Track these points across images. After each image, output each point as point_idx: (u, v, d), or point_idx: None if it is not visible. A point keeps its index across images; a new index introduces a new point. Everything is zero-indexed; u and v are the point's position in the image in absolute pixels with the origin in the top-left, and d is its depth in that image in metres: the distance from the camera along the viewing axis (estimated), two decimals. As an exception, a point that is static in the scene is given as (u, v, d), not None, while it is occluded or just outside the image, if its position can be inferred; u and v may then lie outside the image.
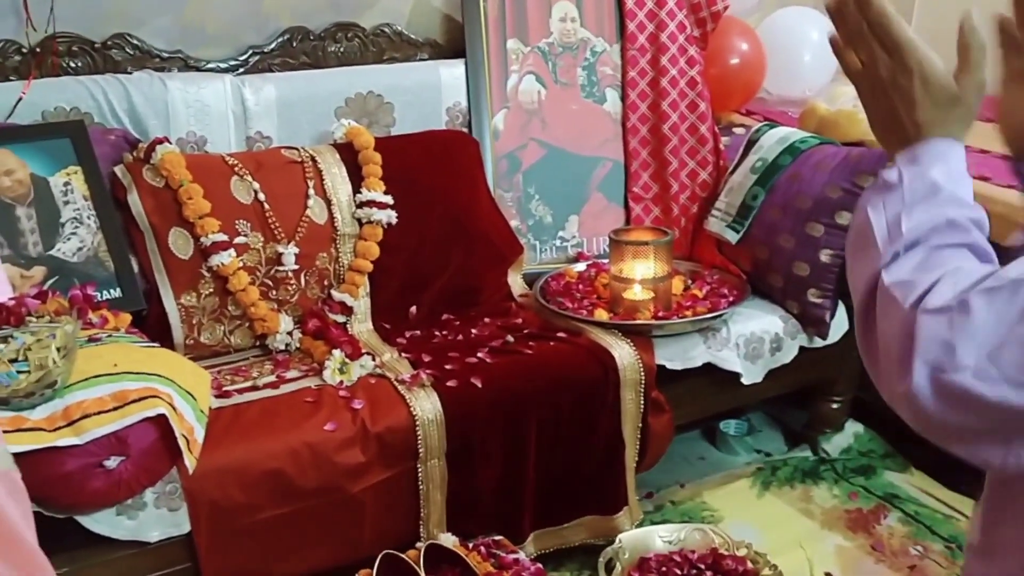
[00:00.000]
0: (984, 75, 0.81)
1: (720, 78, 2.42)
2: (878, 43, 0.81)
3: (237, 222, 1.83)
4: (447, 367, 1.74)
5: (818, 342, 2.07)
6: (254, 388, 1.68)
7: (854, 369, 2.17)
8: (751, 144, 2.19)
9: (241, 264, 1.82)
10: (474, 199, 2.12)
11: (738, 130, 2.42)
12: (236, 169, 1.87)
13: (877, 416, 2.27)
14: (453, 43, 2.29)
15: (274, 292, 1.87)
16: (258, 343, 1.87)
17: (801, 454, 2.30)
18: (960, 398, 0.69)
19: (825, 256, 1.97)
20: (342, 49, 2.21)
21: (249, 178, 1.87)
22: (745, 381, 1.99)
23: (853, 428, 2.32)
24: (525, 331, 1.91)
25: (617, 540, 1.82)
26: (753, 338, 1.99)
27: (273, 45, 2.15)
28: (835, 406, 2.30)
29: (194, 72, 2.05)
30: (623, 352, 1.84)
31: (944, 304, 0.70)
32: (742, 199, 2.13)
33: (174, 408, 1.39)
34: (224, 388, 1.66)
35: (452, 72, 2.23)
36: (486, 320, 1.98)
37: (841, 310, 2.05)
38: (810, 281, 1.99)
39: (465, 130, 2.23)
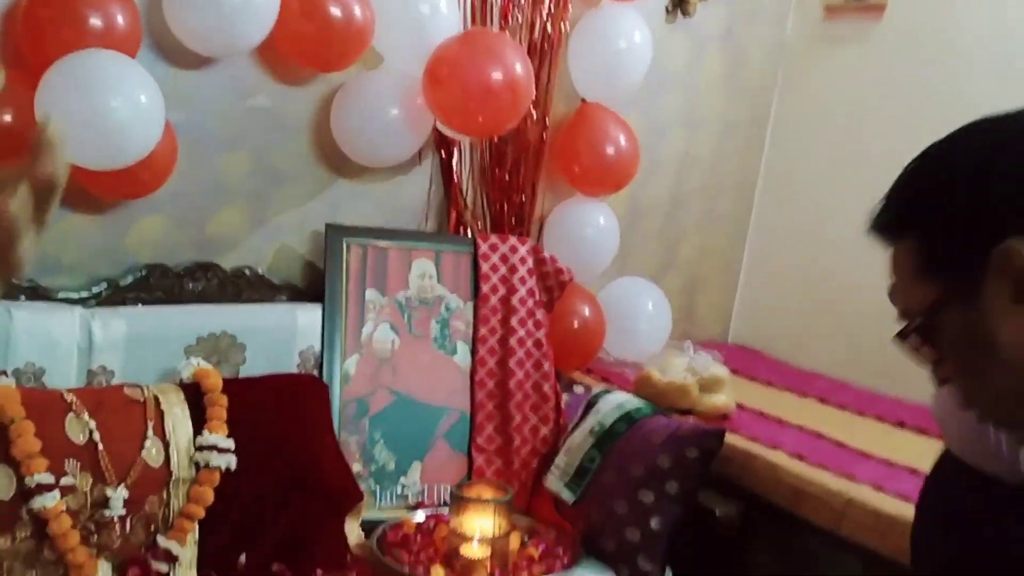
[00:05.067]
0: None
1: (563, 338, 2.57)
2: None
3: (66, 461, 1.76)
4: (272, 629, 1.68)
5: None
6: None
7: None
8: (590, 406, 2.31)
9: (65, 507, 1.73)
10: (319, 445, 2.12)
11: (578, 388, 2.56)
12: (73, 406, 1.82)
13: None
14: (313, 288, 2.36)
15: (95, 537, 1.78)
16: (70, 592, 1.75)
17: None
18: None
19: (655, 523, 2.05)
20: (200, 287, 2.23)
21: (86, 416, 1.82)
22: (576, 646, 1.99)
23: None
24: (358, 588, 1.88)
25: None
26: (586, 603, 2.02)
27: (130, 279, 2.15)
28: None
29: (43, 301, 2.02)
30: (457, 616, 1.82)
31: None
32: (580, 460, 2.21)
33: None
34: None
35: (308, 316, 2.28)
36: (319, 573, 1.94)
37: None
38: (641, 547, 2.06)
39: (316, 373, 2.26)
